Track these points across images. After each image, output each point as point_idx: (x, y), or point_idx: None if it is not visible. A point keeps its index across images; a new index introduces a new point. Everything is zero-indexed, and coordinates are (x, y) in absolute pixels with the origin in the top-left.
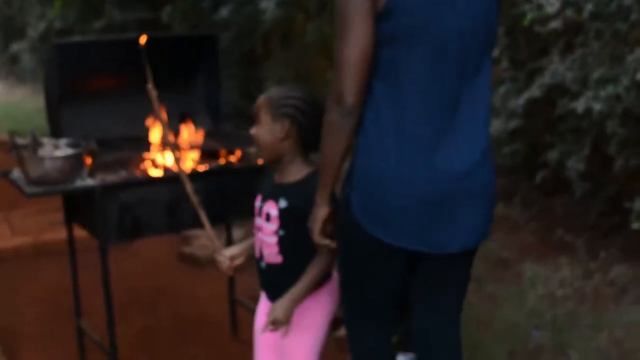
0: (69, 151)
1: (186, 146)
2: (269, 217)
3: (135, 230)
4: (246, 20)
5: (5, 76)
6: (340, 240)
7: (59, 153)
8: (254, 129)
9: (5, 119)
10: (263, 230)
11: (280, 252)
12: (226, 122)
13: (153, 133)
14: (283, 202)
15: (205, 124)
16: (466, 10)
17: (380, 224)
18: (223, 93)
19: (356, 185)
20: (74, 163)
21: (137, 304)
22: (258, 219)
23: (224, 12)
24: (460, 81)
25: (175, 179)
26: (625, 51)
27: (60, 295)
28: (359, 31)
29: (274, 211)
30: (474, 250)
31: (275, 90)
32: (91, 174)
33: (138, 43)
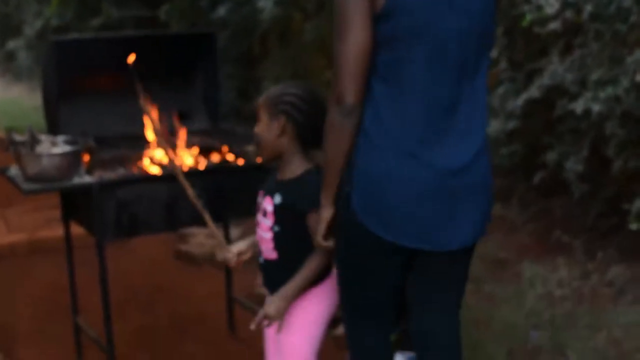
0: (67, 148)
1: (182, 145)
2: (265, 213)
3: (133, 228)
4: (244, 19)
5: (1, 74)
6: (340, 238)
7: (57, 150)
8: (256, 127)
9: (1, 116)
10: (260, 226)
11: (275, 248)
12: (224, 121)
13: (150, 131)
14: (278, 198)
15: (203, 123)
16: (464, 10)
17: (380, 222)
18: (221, 92)
19: (356, 184)
20: (71, 160)
21: (134, 302)
22: (258, 215)
23: (222, 11)
24: (459, 81)
25: (173, 177)
26: (624, 52)
27: (56, 293)
28: (357, 32)
29: (270, 207)
30: (473, 247)
31: (274, 88)
32: (89, 171)
33: (136, 41)
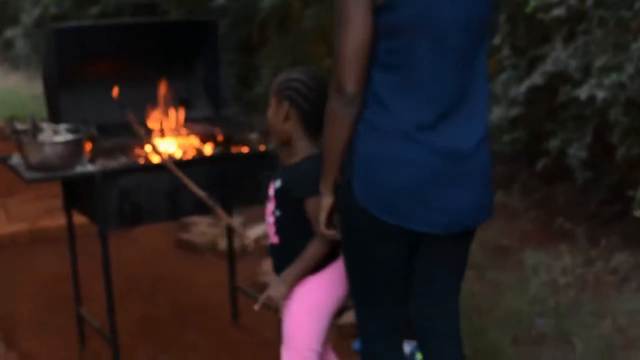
0: (69, 136)
1: (184, 133)
2: (269, 197)
3: (136, 217)
4: (243, 6)
5: None
6: (343, 225)
7: (59, 138)
8: (267, 112)
9: None
10: (266, 210)
11: (276, 233)
12: (225, 108)
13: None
14: (278, 182)
15: (205, 110)
16: None
17: (382, 206)
18: (222, 80)
19: (357, 169)
20: (74, 148)
21: (136, 291)
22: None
23: None
24: (460, 69)
25: (176, 166)
26: (629, 39)
27: (57, 283)
28: (358, 22)
29: (271, 191)
30: (473, 232)
31: (283, 74)
32: (91, 160)
33: (136, 28)
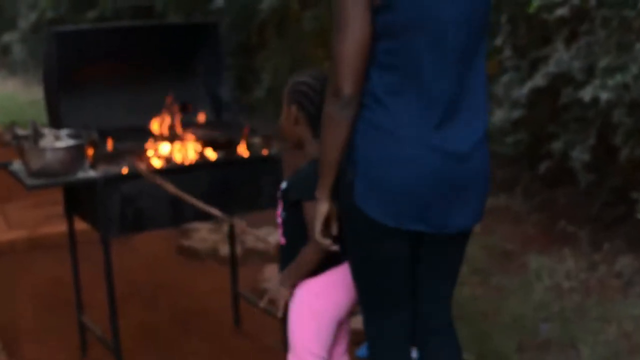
0: (71, 142)
1: (188, 138)
2: (278, 199)
3: (138, 223)
4: (242, 8)
5: None
6: (346, 228)
7: (61, 144)
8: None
9: None
10: (277, 212)
11: (283, 234)
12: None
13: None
14: (284, 183)
15: (206, 114)
16: None
17: (385, 208)
18: (224, 83)
19: (359, 171)
20: (75, 154)
21: (137, 298)
22: None
23: (220, 2)
24: (460, 68)
25: (179, 171)
26: (632, 39)
27: (57, 289)
28: (356, 23)
29: (279, 192)
30: (469, 233)
31: (292, 77)
32: (93, 166)
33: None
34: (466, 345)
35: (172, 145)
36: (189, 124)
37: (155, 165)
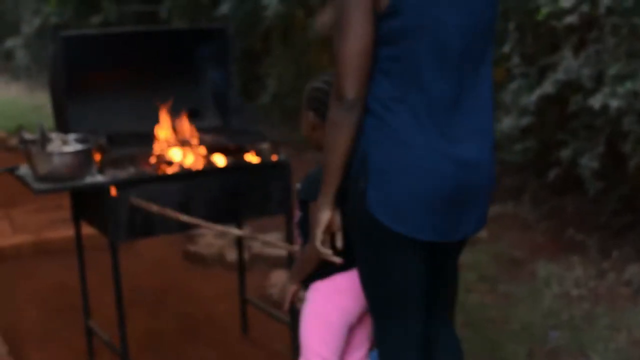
0: (78, 147)
1: (195, 143)
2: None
3: (146, 228)
4: (247, 15)
5: None
6: (355, 237)
7: (68, 149)
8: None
9: (0, 116)
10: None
11: (299, 235)
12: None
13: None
14: (298, 184)
15: (214, 120)
16: (469, 4)
17: (400, 217)
18: (232, 89)
19: (371, 179)
20: (83, 159)
21: (143, 304)
22: None
23: (225, 8)
24: (465, 75)
25: (187, 176)
26: None
27: (63, 294)
28: (359, 28)
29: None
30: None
31: (309, 83)
32: (101, 170)
33: (145, 36)
34: (475, 353)
35: (182, 151)
36: (197, 130)
37: (165, 170)
